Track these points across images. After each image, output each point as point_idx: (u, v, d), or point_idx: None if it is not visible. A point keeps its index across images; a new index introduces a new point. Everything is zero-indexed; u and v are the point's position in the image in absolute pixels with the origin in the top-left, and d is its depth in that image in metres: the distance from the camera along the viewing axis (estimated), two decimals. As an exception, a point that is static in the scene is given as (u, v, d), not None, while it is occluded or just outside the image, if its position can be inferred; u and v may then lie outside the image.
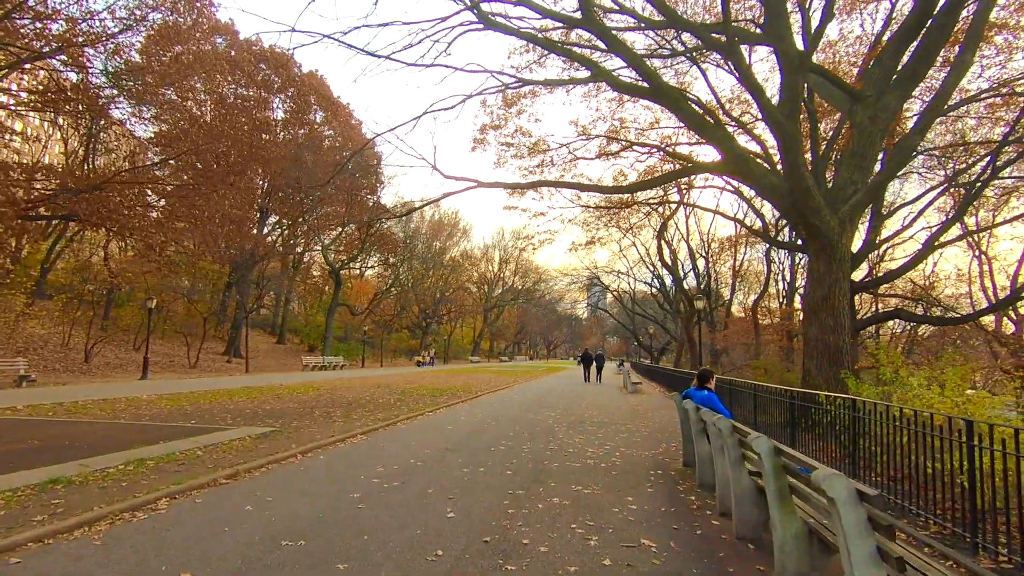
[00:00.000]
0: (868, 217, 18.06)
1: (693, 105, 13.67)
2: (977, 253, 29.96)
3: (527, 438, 9.28)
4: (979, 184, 14.95)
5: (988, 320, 26.45)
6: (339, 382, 22.98)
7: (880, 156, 11.92)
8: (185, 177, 27.50)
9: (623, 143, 21.18)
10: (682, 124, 22.37)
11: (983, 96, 16.06)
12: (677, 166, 23.72)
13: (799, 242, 21.12)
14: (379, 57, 12.06)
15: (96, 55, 23.06)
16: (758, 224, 26.79)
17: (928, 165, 19.69)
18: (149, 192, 26.71)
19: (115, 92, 23.73)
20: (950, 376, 7.87)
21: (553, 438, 9.38)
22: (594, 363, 30.34)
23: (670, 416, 13.43)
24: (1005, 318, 28.00)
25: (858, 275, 20.81)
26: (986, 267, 29.92)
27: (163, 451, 7.16)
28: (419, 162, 33.14)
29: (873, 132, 10.95)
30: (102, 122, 30.36)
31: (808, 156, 14.38)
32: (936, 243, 16.71)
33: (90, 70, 22.81)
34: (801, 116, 11.73)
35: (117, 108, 26.93)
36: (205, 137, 27.01)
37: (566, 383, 27.13)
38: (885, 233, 20.35)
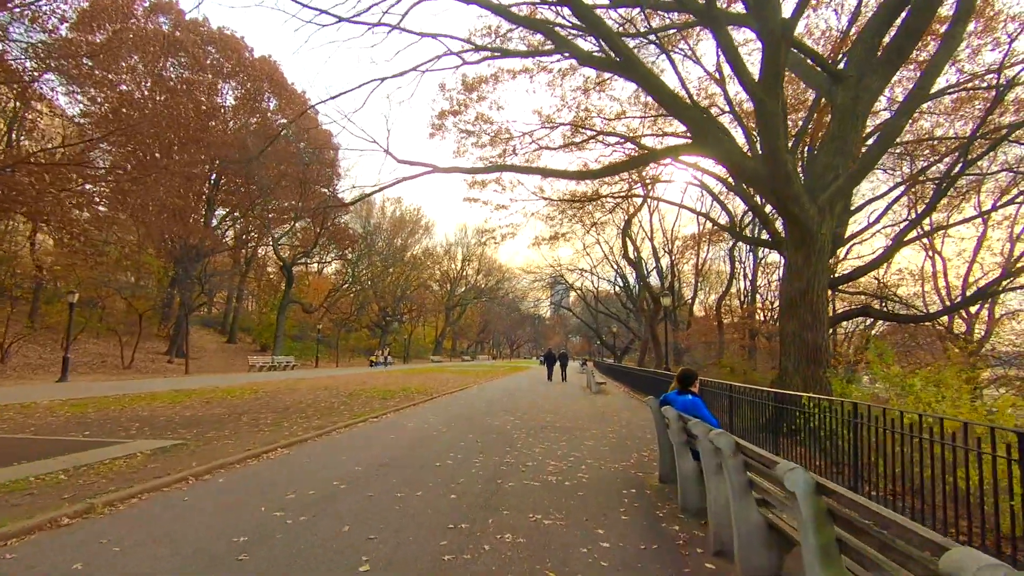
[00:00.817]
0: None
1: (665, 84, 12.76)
2: (931, 253, 30.48)
3: (480, 449, 8.09)
4: (951, 178, 14.63)
5: (941, 319, 26.88)
6: (284, 384, 21.26)
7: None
8: (130, 165, 25.19)
9: (589, 132, 20.25)
10: (647, 115, 21.75)
11: (951, 90, 15.82)
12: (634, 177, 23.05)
13: (766, 237, 20.75)
14: (315, 10, 10.63)
15: (13, 21, 20.80)
16: (724, 219, 26.38)
17: (892, 163, 19.52)
18: (77, 178, 24.24)
19: (37, 65, 21.42)
20: (949, 377, 7.11)
21: (511, 448, 8.22)
22: (558, 362, 29.92)
23: (638, 418, 12.49)
24: (958, 317, 28.52)
25: None
26: (940, 267, 30.46)
27: (14, 475, 5.65)
28: (371, 146, 31.93)
29: (855, 114, 10.24)
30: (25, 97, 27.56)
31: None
32: (904, 239, 16.40)
33: (10, 39, 20.56)
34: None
35: (46, 86, 24.46)
36: (140, 119, 24.77)
37: (528, 383, 26.08)
38: (851, 229, 20.10)
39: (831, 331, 19.25)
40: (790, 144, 14.91)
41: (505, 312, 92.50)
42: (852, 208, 18.97)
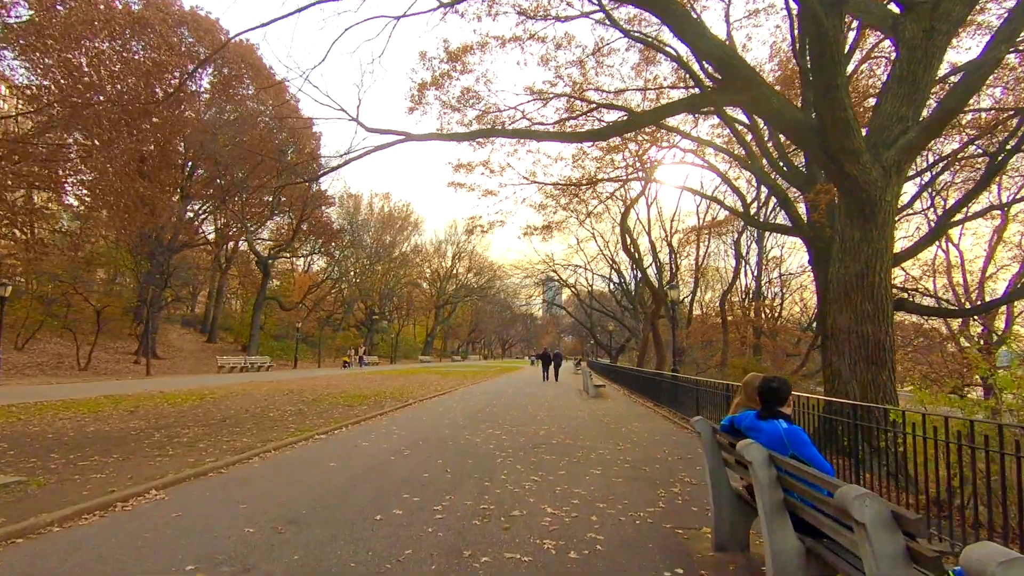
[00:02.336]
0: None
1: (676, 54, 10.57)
2: (945, 245, 28.58)
3: (449, 484, 5.86)
4: (1007, 152, 12.57)
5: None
6: (243, 387, 18.88)
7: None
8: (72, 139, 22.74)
9: (586, 106, 18.07)
10: (649, 89, 19.60)
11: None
12: (644, 139, 20.90)
13: (784, 223, 18.66)
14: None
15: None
16: (724, 213, 24.28)
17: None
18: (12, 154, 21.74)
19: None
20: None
21: (492, 481, 6.00)
22: (552, 362, 29.11)
23: (649, 430, 10.29)
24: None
25: None
26: (956, 260, 28.55)
27: None
28: (337, 114, 26.62)
29: (929, 50, 8.11)
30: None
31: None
32: (950, 221, 14.37)
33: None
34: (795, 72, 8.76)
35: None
36: (84, 91, 22.32)
37: (519, 386, 23.84)
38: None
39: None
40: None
41: (497, 311, 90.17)
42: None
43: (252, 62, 42.48)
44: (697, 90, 13.73)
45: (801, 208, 15.80)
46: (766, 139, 15.84)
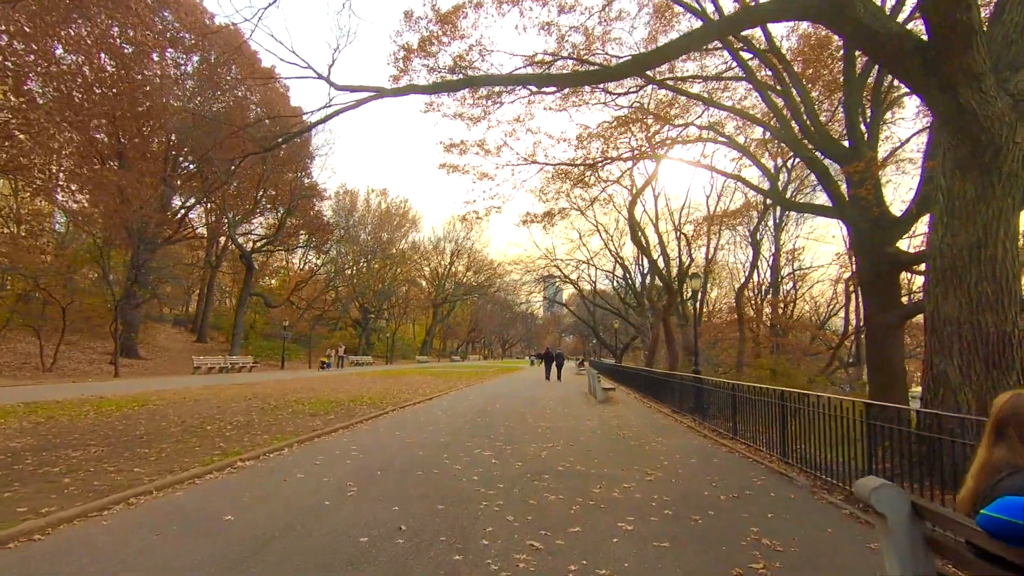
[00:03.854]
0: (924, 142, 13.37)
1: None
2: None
3: (395, 563, 3.65)
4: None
5: None
6: (205, 391, 16.64)
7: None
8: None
9: (593, 67, 15.85)
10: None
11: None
12: (651, 123, 18.65)
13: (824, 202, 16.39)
14: None
15: None
16: (740, 199, 22.07)
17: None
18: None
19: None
20: None
21: (465, 553, 3.78)
22: (554, 362, 28.66)
23: (679, 449, 8.08)
24: None
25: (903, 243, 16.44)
26: None
27: None
28: (305, 72, 15.26)
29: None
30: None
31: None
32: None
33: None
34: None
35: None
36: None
37: (518, 389, 21.61)
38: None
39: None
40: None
41: (497, 311, 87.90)
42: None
43: (232, 42, 40.18)
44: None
45: (843, 185, 13.69)
46: (800, 110, 13.65)
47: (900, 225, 12.99)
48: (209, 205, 40.97)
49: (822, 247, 79.74)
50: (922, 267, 16.10)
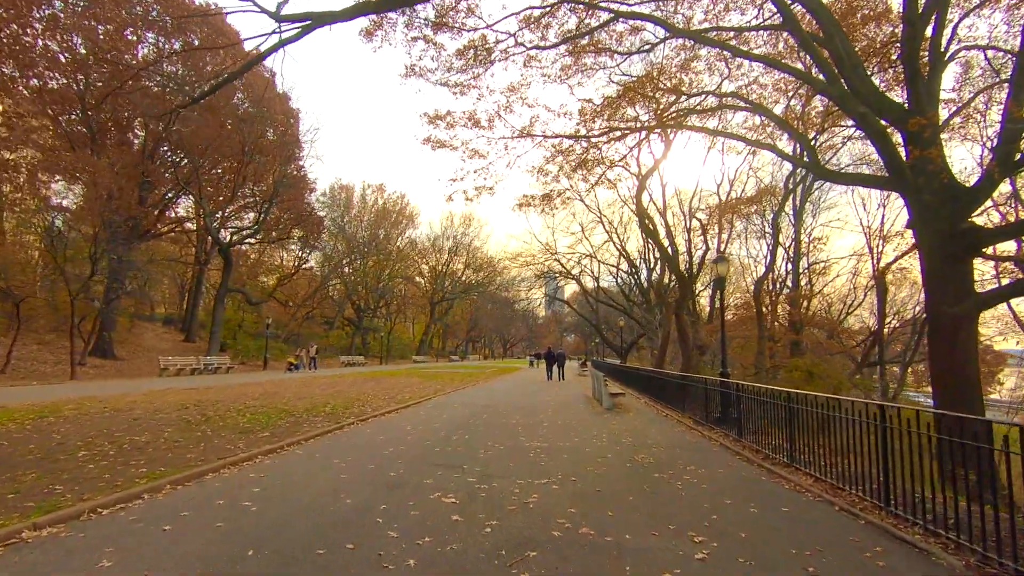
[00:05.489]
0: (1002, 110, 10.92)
1: None
2: None
3: None
4: None
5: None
6: (141, 398, 14.07)
7: None
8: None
9: (601, 16, 13.40)
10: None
11: None
12: (660, 96, 16.17)
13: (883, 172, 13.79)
14: None
15: None
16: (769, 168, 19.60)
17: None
18: None
19: None
20: None
21: None
22: (555, 362, 28.94)
23: (726, 486, 5.58)
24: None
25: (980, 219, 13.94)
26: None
27: None
28: (244, 5, 10.43)
29: None
30: None
31: None
32: None
33: None
34: None
35: None
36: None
37: (513, 395, 19.14)
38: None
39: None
40: None
41: (497, 310, 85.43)
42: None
43: (217, 25, 37.88)
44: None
45: (900, 146, 11.25)
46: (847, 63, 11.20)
47: (976, 195, 10.54)
48: (181, 194, 38.67)
49: (837, 241, 77.01)
50: (1005, 246, 13.43)
